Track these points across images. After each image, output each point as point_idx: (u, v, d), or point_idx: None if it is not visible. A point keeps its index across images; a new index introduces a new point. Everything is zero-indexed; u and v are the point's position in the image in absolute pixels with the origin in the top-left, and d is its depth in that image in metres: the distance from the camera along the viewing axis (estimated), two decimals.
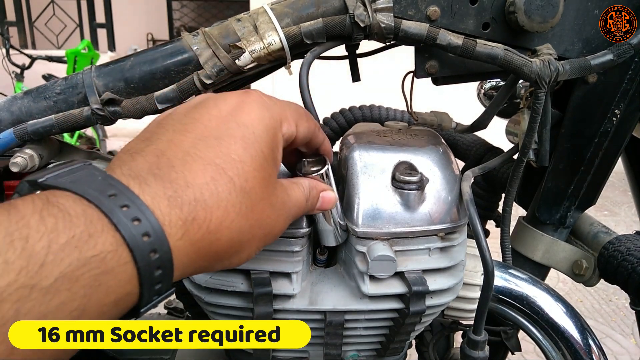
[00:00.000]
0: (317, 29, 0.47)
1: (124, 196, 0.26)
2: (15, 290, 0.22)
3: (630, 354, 2.13)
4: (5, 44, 3.99)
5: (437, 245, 0.46)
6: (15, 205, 0.24)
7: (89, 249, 0.24)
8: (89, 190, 0.26)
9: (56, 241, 0.23)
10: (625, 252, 0.59)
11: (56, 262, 0.23)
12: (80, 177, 0.27)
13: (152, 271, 0.27)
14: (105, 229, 0.25)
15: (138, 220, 0.26)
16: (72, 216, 0.24)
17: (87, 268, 0.24)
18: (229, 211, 0.30)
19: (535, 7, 0.46)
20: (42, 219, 0.24)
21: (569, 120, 0.57)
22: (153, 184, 0.28)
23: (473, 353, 0.48)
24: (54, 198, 0.25)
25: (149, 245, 0.26)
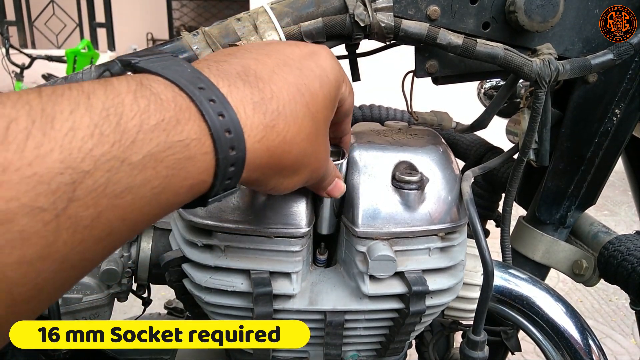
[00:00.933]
0: (317, 28, 0.47)
1: (212, 91, 0.28)
2: (108, 161, 0.23)
3: (630, 354, 2.13)
4: (5, 44, 3.99)
5: (437, 245, 0.46)
6: (111, 82, 0.25)
7: (176, 134, 0.26)
8: (181, 79, 0.27)
9: (147, 122, 0.25)
10: (625, 252, 0.59)
11: (145, 141, 0.24)
12: (170, 65, 0.28)
13: (227, 166, 0.28)
14: (193, 117, 0.27)
15: (222, 115, 0.28)
16: (162, 100, 0.26)
17: (172, 151, 0.25)
18: (301, 130, 0.33)
19: (536, 7, 0.46)
20: (136, 99, 0.25)
21: (569, 119, 0.57)
22: (241, 87, 0.30)
23: (472, 353, 0.48)
24: (147, 81, 0.26)
25: (229, 142, 0.28)
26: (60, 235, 0.22)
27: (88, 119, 0.23)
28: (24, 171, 0.21)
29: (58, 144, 0.22)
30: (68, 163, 0.22)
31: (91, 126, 0.23)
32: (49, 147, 0.21)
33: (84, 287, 0.59)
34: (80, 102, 0.23)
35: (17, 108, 0.22)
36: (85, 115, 0.23)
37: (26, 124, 0.21)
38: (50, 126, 0.22)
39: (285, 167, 0.33)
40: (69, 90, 0.24)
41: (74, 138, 0.22)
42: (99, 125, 0.23)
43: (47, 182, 0.21)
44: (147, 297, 0.71)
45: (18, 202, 0.20)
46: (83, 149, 0.22)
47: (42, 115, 0.22)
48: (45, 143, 0.21)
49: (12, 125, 0.21)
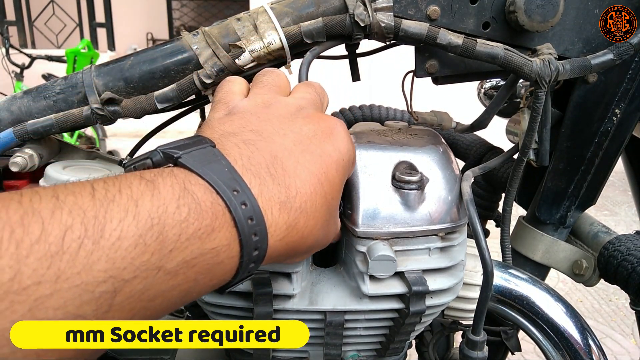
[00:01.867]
0: (317, 28, 0.47)
1: (245, 195, 0.29)
2: (147, 269, 0.24)
3: (630, 354, 2.13)
4: (5, 44, 3.99)
5: (437, 245, 0.46)
6: (157, 186, 0.26)
7: (209, 241, 0.27)
8: (220, 183, 0.29)
9: (186, 231, 0.26)
10: (625, 252, 0.59)
11: (181, 249, 0.26)
12: (210, 163, 0.30)
13: (249, 265, 0.30)
14: (226, 224, 0.28)
15: (252, 219, 0.29)
16: (202, 209, 0.27)
17: (203, 258, 0.27)
18: (317, 221, 0.34)
19: (536, 7, 0.46)
20: (179, 207, 0.26)
21: (569, 119, 0.57)
22: (270, 185, 0.31)
23: (472, 353, 0.48)
24: (190, 185, 0.28)
25: (255, 244, 0.29)
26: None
27: (134, 228, 0.24)
28: (73, 280, 0.22)
29: (105, 253, 0.23)
30: (112, 272, 0.23)
31: (136, 236, 0.24)
32: (97, 256, 0.23)
33: None
34: (129, 210, 0.24)
35: (73, 215, 0.23)
36: (132, 224, 0.24)
37: (79, 233, 0.22)
38: (100, 235, 0.23)
39: (298, 254, 0.35)
40: (119, 194, 0.25)
41: (119, 248, 0.23)
42: (143, 235, 0.24)
43: (92, 291, 0.22)
44: None
45: (65, 310, 0.22)
46: (126, 259, 0.23)
47: (95, 223, 0.23)
48: (94, 252, 0.23)
49: (67, 233, 0.22)
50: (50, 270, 0.21)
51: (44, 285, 0.21)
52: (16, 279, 0.21)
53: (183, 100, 0.49)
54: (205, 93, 0.49)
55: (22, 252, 0.21)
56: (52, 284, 0.21)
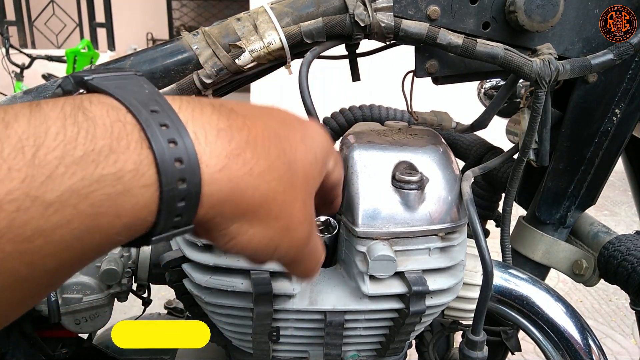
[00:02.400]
0: (317, 28, 0.47)
1: (166, 115, 0.25)
2: (14, 200, 0.20)
3: (630, 354, 2.13)
4: (5, 44, 3.99)
5: (437, 245, 0.46)
6: (41, 107, 0.22)
7: (107, 165, 0.22)
8: (132, 100, 0.24)
9: (72, 153, 0.22)
10: (625, 252, 0.59)
11: (66, 175, 0.21)
12: (127, 85, 0.25)
13: (175, 201, 0.24)
14: (133, 145, 0.23)
15: (174, 142, 0.24)
16: (97, 126, 0.23)
17: (100, 185, 0.22)
18: (272, 169, 0.28)
19: (536, 7, 0.46)
20: (64, 127, 0.22)
21: (569, 119, 0.57)
22: (208, 112, 0.27)
23: (472, 353, 0.48)
24: (89, 104, 0.23)
25: (179, 173, 0.24)
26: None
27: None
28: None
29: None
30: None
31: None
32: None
33: (84, 287, 0.59)
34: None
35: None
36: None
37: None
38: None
39: (249, 208, 0.28)
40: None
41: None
42: (9, 159, 0.20)
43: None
44: (147, 297, 0.71)
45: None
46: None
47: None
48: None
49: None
50: None
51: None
52: None
53: None
54: (205, 93, 0.49)
55: None
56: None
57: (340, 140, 0.55)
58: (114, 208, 0.23)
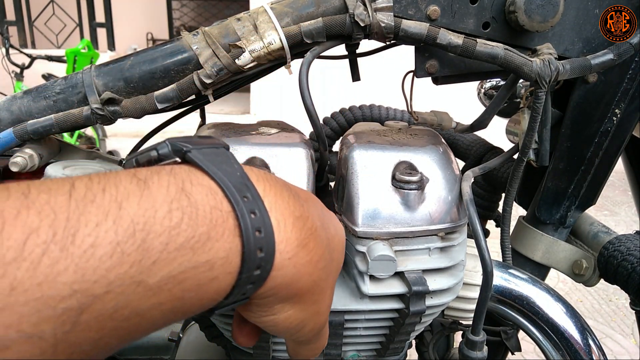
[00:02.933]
0: (317, 28, 0.47)
1: (255, 203, 0.26)
2: (122, 284, 0.21)
3: (630, 354, 2.13)
4: (5, 44, 3.99)
5: (437, 245, 0.46)
6: (149, 186, 0.23)
7: (203, 253, 0.23)
8: (229, 185, 0.25)
9: (175, 240, 0.22)
10: (625, 252, 0.59)
11: (167, 261, 0.22)
12: (221, 163, 0.26)
13: (246, 284, 0.26)
14: (227, 233, 0.24)
15: (259, 231, 0.25)
16: (198, 214, 0.23)
17: (194, 272, 0.23)
18: (322, 258, 0.30)
19: (536, 7, 0.46)
20: (170, 212, 0.23)
21: (569, 119, 0.57)
22: (286, 198, 0.28)
23: (471, 353, 0.48)
24: (189, 186, 0.24)
25: (258, 260, 0.25)
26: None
27: (113, 234, 0.21)
28: (31, 293, 0.19)
29: (74, 263, 0.20)
30: (79, 285, 0.20)
31: (113, 243, 0.21)
32: (64, 265, 0.19)
33: None
34: (110, 213, 0.21)
35: (42, 217, 0.20)
36: (110, 230, 0.21)
37: (46, 237, 0.19)
38: (71, 241, 0.20)
39: (299, 293, 0.30)
40: (101, 193, 0.22)
41: (92, 256, 0.20)
42: (121, 242, 0.21)
43: (53, 306, 0.19)
44: None
45: (18, 329, 0.18)
46: (99, 270, 0.20)
47: (66, 227, 0.20)
48: (60, 261, 0.19)
49: (31, 237, 0.19)
50: (3, 280, 0.18)
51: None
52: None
53: (183, 100, 0.49)
54: (205, 93, 0.49)
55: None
56: (5, 297, 0.18)
57: (340, 140, 0.55)
58: (200, 292, 0.24)
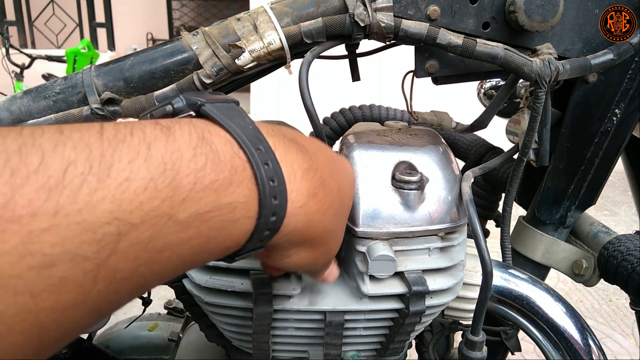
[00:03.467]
0: (316, 28, 0.47)
1: (268, 155, 0.28)
2: (156, 216, 0.23)
3: (630, 354, 2.13)
4: (5, 44, 3.99)
5: (437, 245, 0.46)
6: (173, 133, 0.25)
7: (226, 195, 0.25)
8: (243, 137, 0.27)
9: (201, 181, 0.24)
10: (625, 252, 0.59)
11: (195, 199, 0.24)
12: (234, 117, 0.28)
13: (264, 231, 0.28)
14: (245, 180, 0.27)
15: (273, 180, 0.28)
16: (220, 160, 0.26)
17: (218, 212, 0.25)
18: (332, 205, 0.33)
19: (536, 7, 0.46)
20: (195, 156, 0.25)
21: (569, 119, 0.57)
22: (294, 153, 0.31)
23: (471, 353, 0.48)
24: (209, 135, 0.26)
25: (273, 207, 0.28)
26: (97, 285, 0.21)
27: (145, 171, 0.23)
28: (73, 217, 0.20)
29: (111, 193, 0.21)
30: (117, 214, 0.21)
31: (146, 179, 0.23)
32: (102, 194, 0.21)
33: None
34: (140, 152, 0.23)
35: (77, 151, 0.21)
36: (142, 166, 0.23)
37: (83, 169, 0.21)
38: (107, 174, 0.22)
39: (311, 238, 0.33)
40: (130, 135, 0.23)
41: (127, 189, 0.22)
42: (154, 179, 0.23)
43: (94, 231, 0.21)
44: (147, 297, 0.71)
45: (63, 247, 0.20)
46: (134, 202, 0.22)
47: (101, 161, 0.22)
48: (98, 190, 0.21)
49: (69, 168, 0.21)
50: (47, 203, 0.20)
51: (39, 218, 0.19)
52: (9, 207, 0.19)
53: None
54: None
55: (16, 180, 0.19)
56: (50, 218, 0.20)
57: (340, 140, 0.55)
58: (224, 233, 0.26)
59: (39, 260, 0.19)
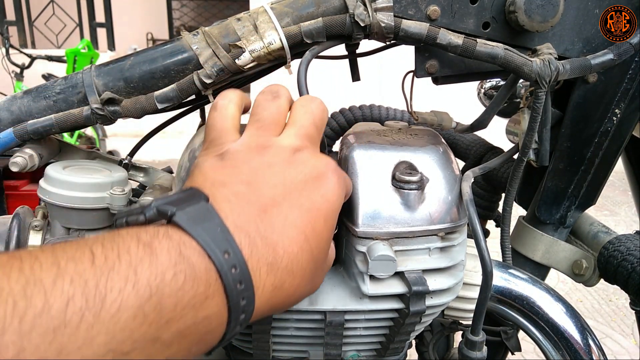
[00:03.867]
0: (317, 28, 0.47)
1: (235, 257, 0.29)
2: (144, 341, 0.24)
3: (630, 354, 2.13)
4: (5, 44, 3.99)
5: (437, 245, 0.46)
6: (154, 251, 0.26)
7: (203, 310, 0.27)
8: (213, 247, 0.28)
9: (182, 300, 0.25)
10: (625, 252, 0.59)
11: (177, 318, 0.25)
12: (203, 222, 0.29)
13: (235, 328, 0.30)
14: (218, 291, 0.28)
15: (241, 283, 0.29)
16: (197, 276, 0.27)
17: (196, 327, 0.26)
18: (303, 279, 0.34)
19: (536, 7, 0.46)
20: (175, 275, 0.26)
21: (569, 119, 0.57)
22: (260, 246, 0.31)
23: (471, 353, 0.48)
24: (185, 249, 0.27)
25: (242, 308, 0.29)
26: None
27: (134, 298, 0.24)
28: (74, 355, 0.21)
29: (105, 326, 0.22)
30: (111, 346, 0.22)
31: (135, 307, 0.23)
32: (97, 329, 0.22)
33: None
34: (129, 279, 0.24)
35: (74, 285, 0.22)
36: (132, 294, 0.23)
37: (81, 304, 0.22)
38: (101, 306, 0.22)
39: (282, 309, 0.35)
40: (118, 261, 0.24)
41: (119, 320, 0.23)
42: (142, 306, 0.24)
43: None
44: None
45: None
46: (125, 331, 0.23)
47: (95, 293, 0.22)
48: (95, 325, 0.22)
49: (69, 305, 0.22)
50: (52, 346, 0.20)
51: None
52: (20, 356, 0.20)
53: (183, 100, 0.49)
54: (205, 93, 0.49)
55: (24, 327, 0.20)
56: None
57: (340, 140, 0.55)
58: (202, 343, 0.28)
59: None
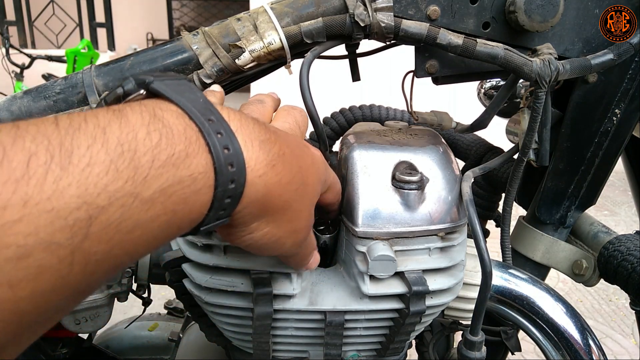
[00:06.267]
0: (317, 28, 0.47)
1: (220, 124, 0.29)
2: (122, 197, 0.23)
3: (630, 354, 2.13)
4: (5, 44, 3.99)
5: (437, 245, 0.46)
6: (125, 115, 0.26)
7: (185, 168, 0.26)
8: (192, 109, 0.28)
9: (159, 157, 0.25)
10: (625, 252, 0.59)
11: (156, 176, 0.25)
12: (184, 92, 0.29)
13: (224, 199, 0.29)
14: (201, 150, 0.27)
15: (227, 149, 0.28)
16: (174, 134, 0.26)
17: (180, 186, 0.26)
18: (293, 180, 0.34)
19: (536, 7, 0.46)
20: (149, 133, 0.25)
21: (569, 119, 0.57)
22: (251, 125, 0.31)
23: (470, 354, 0.48)
24: (160, 112, 0.27)
25: (231, 174, 0.28)
26: (73, 269, 0.22)
27: (104, 154, 0.23)
28: (43, 205, 0.21)
29: (75, 179, 0.22)
30: (85, 198, 0.22)
31: (107, 162, 0.23)
32: (67, 181, 0.22)
33: None
34: (97, 137, 0.24)
35: (37, 142, 0.22)
36: (101, 150, 0.23)
37: (45, 159, 0.22)
38: (68, 161, 0.22)
39: (272, 211, 0.33)
40: (85, 123, 0.24)
41: (90, 173, 0.22)
42: (114, 161, 0.23)
43: (65, 217, 0.21)
44: (147, 297, 0.71)
45: (37, 237, 0.20)
46: (99, 185, 0.23)
47: (61, 149, 0.22)
48: (63, 177, 0.22)
49: (32, 159, 0.21)
50: (16, 195, 0.20)
51: (10, 210, 0.20)
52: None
53: None
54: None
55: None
56: (20, 209, 0.20)
57: (340, 140, 0.55)
58: (189, 205, 0.27)
59: (14, 252, 0.20)
